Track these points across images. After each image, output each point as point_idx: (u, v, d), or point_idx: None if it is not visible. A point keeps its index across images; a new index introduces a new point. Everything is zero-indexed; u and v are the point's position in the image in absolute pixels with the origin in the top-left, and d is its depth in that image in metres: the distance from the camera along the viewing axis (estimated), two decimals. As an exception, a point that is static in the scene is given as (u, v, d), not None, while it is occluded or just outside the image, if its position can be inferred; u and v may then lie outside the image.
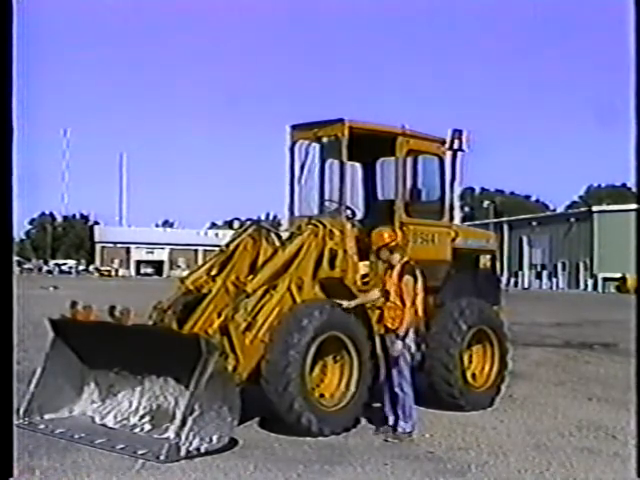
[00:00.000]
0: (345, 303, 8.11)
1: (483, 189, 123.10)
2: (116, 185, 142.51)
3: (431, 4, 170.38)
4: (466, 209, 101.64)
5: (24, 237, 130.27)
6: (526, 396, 10.49)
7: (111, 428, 7.58)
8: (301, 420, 7.62)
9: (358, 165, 10.24)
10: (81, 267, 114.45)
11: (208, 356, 6.79)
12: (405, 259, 8.05)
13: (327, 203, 9.44)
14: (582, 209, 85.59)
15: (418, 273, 7.96)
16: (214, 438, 6.81)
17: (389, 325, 7.84)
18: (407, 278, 7.84)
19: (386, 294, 7.91)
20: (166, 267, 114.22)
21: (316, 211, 9.48)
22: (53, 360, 7.98)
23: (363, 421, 8.36)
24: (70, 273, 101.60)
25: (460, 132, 9.41)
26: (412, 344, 7.90)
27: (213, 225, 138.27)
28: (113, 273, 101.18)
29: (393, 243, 8.11)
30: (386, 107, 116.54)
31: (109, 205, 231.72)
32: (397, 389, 7.86)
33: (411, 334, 7.87)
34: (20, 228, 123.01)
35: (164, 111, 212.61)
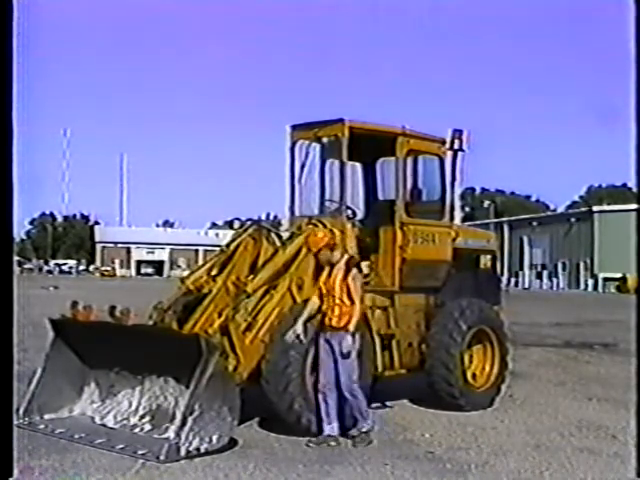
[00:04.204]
0: (290, 332, 7.49)
1: (483, 189, 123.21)
2: (116, 185, 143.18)
3: (432, 4, 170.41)
4: (466, 209, 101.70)
5: (24, 237, 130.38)
6: (526, 396, 10.49)
7: (111, 428, 7.58)
8: (301, 420, 7.61)
9: (358, 165, 10.24)
10: (81, 267, 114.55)
11: (208, 356, 6.79)
12: (346, 256, 7.79)
13: (327, 203, 9.44)
14: (582, 209, 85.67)
15: (364, 267, 7.81)
16: (214, 438, 6.80)
17: (334, 324, 7.47)
18: (354, 273, 7.56)
19: (328, 294, 7.55)
20: (166, 267, 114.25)
21: (316, 211, 9.48)
22: (53, 360, 7.97)
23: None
24: (70, 273, 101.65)
25: (460, 132, 9.41)
26: (357, 343, 7.56)
27: (213, 225, 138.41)
28: (114, 273, 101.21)
29: (332, 242, 7.94)
30: (386, 107, 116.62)
31: (109, 205, 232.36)
32: (347, 394, 7.47)
33: (357, 333, 7.56)
34: (20, 228, 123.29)
35: (164, 111, 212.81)
